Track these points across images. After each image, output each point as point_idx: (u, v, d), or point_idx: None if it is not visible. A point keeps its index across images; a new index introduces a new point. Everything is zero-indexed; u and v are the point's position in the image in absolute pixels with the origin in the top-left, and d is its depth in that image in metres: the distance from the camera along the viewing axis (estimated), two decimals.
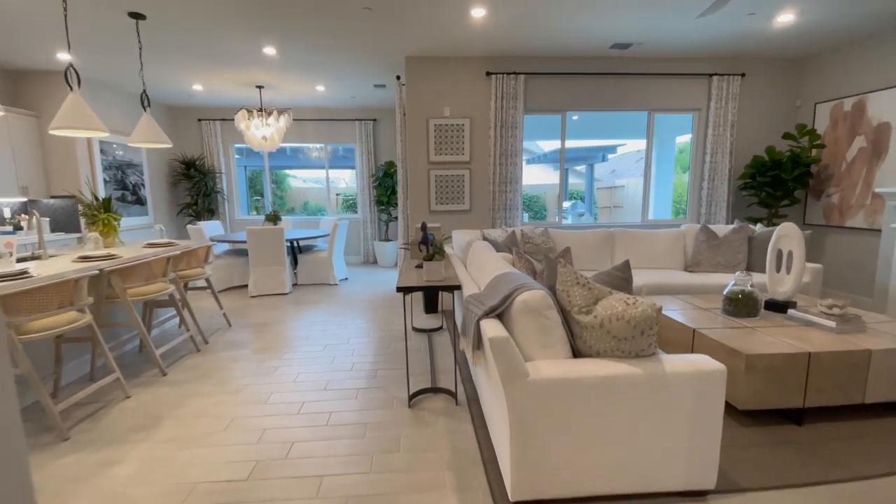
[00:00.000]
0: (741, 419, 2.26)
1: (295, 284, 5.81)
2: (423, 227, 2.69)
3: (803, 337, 2.32)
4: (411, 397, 2.45)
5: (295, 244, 6.13)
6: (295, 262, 5.84)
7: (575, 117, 6.54)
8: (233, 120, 7.28)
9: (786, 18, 3.77)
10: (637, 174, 10.45)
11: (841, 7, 3.57)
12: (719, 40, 4.36)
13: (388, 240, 7.34)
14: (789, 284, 2.80)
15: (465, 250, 3.40)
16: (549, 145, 11.38)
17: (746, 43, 4.44)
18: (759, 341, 2.26)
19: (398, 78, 4.98)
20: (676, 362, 1.61)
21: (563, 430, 1.54)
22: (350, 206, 8.44)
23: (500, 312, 1.71)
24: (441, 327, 3.80)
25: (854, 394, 2.17)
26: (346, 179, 8.44)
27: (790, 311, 2.71)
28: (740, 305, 2.73)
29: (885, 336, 2.30)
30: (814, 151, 4.81)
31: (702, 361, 1.62)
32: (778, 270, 2.93)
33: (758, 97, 5.08)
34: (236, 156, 7.73)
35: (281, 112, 6.17)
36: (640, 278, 3.75)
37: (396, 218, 7.47)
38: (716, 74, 4.88)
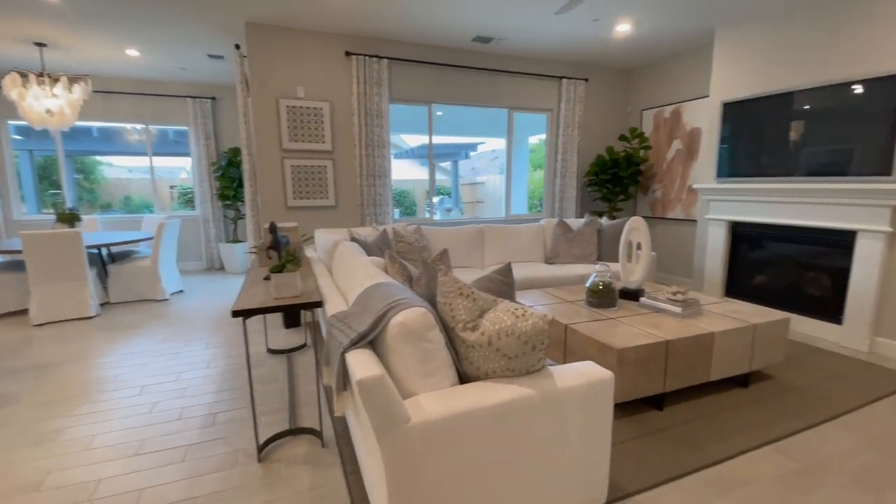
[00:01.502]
0: (614, 412, 2.31)
1: (105, 304, 4.56)
2: (272, 229, 2.17)
3: (657, 324, 2.47)
4: (262, 446, 1.94)
5: (104, 251, 4.83)
6: (104, 275, 4.58)
7: (439, 113, 6.47)
8: None
9: (623, 28, 4.14)
10: (494, 171, 11.01)
11: (666, 23, 4.04)
12: (568, 44, 4.63)
13: (237, 241, 6.34)
14: (639, 273, 3.02)
15: (331, 253, 2.95)
16: (415, 140, 11.30)
17: (590, 50, 4.81)
18: (624, 333, 2.32)
19: (238, 47, 4.18)
20: (567, 374, 1.47)
21: (451, 475, 1.27)
22: (189, 200, 7.09)
23: (372, 339, 1.36)
24: (304, 345, 3.27)
25: (702, 373, 2.37)
26: (187, 169, 7.05)
27: (642, 299, 2.92)
28: (602, 297, 2.84)
29: (720, 317, 2.58)
30: (642, 152, 5.49)
31: (590, 371, 1.51)
32: (629, 260, 3.14)
33: (599, 101, 5.60)
34: (14, 136, 5.84)
35: (75, 80, 4.78)
36: None
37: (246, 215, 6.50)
38: (565, 77, 5.21)
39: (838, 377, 2.73)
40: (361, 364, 1.17)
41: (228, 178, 6.10)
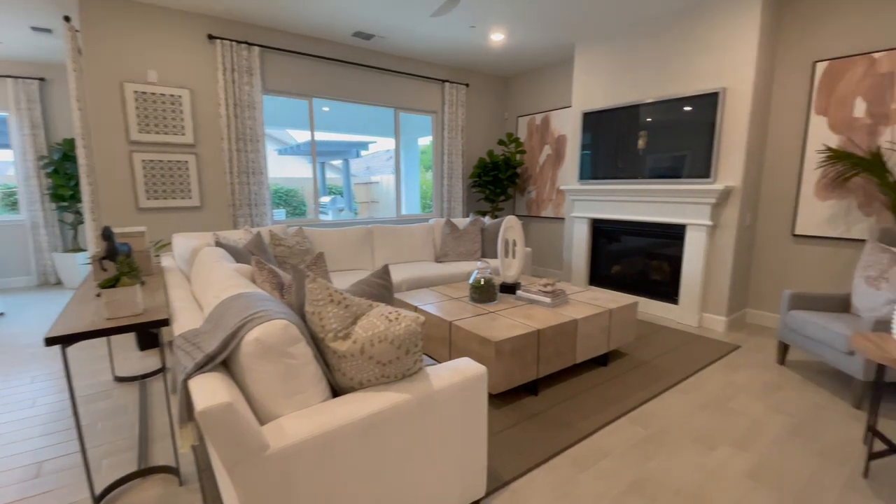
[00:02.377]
0: (494, 402, 2.42)
1: None
2: (107, 234, 1.84)
3: (531, 315, 2.65)
4: (102, 495, 1.63)
5: None
6: None
7: (326, 108, 6.18)
8: None
9: (498, 37, 4.37)
10: (389, 171, 10.95)
11: (534, 36, 4.36)
12: (449, 49, 4.75)
13: (77, 249, 5.33)
14: (515, 268, 3.21)
15: (191, 261, 2.61)
16: (303, 136, 10.70)
17: (470, 56, 4.99)
18: (501, 325, 2.45)
19: (68, 20, 3.50)
20: (443, 374, 1.48)
21: (323, 497, 1.19)
22: (15, 202, 5.77)
23: (224, 360, 1.21)
24: (163, 368, 2.86)
25: (569, 357, 2.60)
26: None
27: (518, 292, 3.10)
28: (483, 292, 2.96)
29: (583, 305, 2.86)
30: (518, 156, 5.88)
31: (465, 367, 1.54)
32: (506, 256, 3.32)
33: (479, 106, 5.85)
34: None
35: None
36: (400, 273, 3.74)
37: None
38: (447, 81, 5.35)
39: (677, 349, 3.22)
40: (206, 391, 1.03)
41: (64, 175, 5.10)
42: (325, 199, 10.68)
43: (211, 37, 3.83)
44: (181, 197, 3.88)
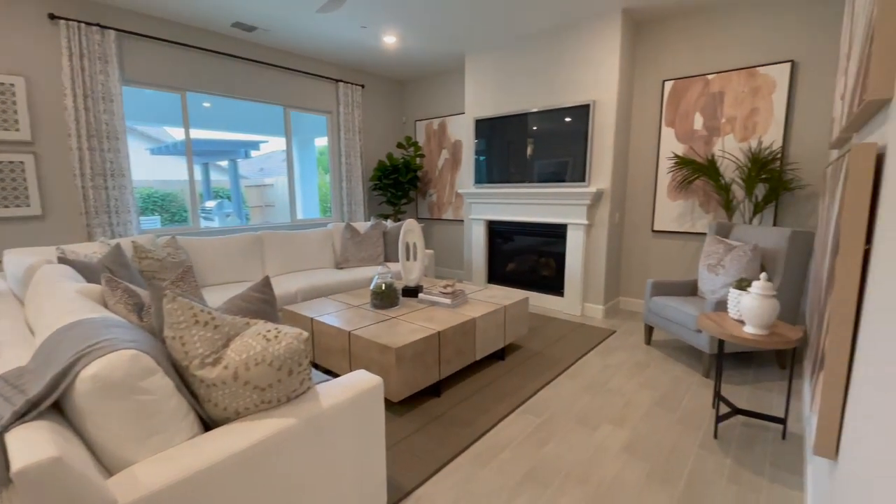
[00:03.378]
0: (397, 410, 2.39)
1: None
2: None
3: (432, 317, 2.67)
4: None
5: None
6: None
7: (207, 104, 5.61)
8: None
9: (390, 40, 4.35)
10: (285, 173, 10.30)
11: (425, 42, 4.41)
12: (342, 48, 4.61)
13: None
14: (416, 271, 3.22)
15: (27, 282, 2.18)
16: (183, 133, 9.58)
17: (365, 57, 4.90)
18: (403, 331, 2.43)
19: None
20: (334, 390, 1.41)
21: None
22: None
23: (53, 403, 1.01)
24: None
25: (469, 355, 2.67)
26: None
27: (420, 295, 3.12)
28: (384, 298, 2.92)
29: (481, 303, 2.96)
30: (418, 160, 5.92)
31: (359, 380, 1.49)
32: (407, 259, 3.32)
33: (377, 109, 5.78)
34: None
35: None
36: (294, 283, 3.53)
37: None
38: (342, 81, 5.19)
39: (564, 338, 3.49)
40: (26, 445, 0.84)
41: None
42: (211, 204, 9.70)
43: (53, 16, 3.24)
44: (15, 205, 3.22)
